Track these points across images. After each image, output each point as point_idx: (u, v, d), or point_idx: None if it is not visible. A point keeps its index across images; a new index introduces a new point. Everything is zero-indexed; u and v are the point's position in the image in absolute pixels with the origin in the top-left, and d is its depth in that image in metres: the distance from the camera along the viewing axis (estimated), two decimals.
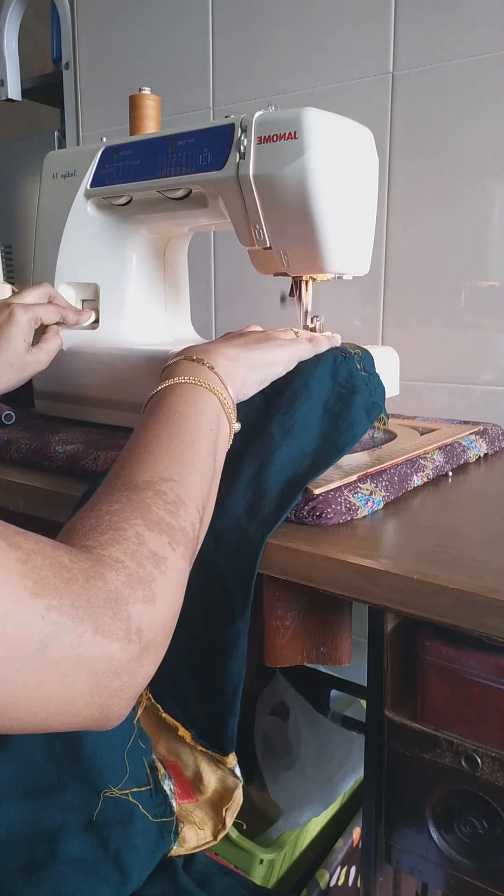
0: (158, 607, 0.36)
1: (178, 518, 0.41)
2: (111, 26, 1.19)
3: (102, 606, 0.33)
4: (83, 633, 0.32)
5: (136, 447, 0.46)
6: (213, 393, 0.52)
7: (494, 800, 0.46)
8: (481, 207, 0.88)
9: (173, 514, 0.41)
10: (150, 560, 0.37)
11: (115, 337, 0.83)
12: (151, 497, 0.41)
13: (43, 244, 0.85)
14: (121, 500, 0.40)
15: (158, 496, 0.41)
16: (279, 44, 1.01)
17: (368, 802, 0.53)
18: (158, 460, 0.45)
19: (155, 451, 0.45)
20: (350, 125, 0.67)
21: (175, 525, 0.40)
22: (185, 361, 0.55)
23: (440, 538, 0.50)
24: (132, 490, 0.41)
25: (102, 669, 0.33)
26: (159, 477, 0.43)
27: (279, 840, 0.87)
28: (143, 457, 0.45)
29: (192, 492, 0.44)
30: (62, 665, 0.31)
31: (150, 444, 0.46)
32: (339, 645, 0.54)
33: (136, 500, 0.40)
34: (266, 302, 1.06)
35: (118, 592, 0.34)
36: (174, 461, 0.45)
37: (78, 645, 0.32)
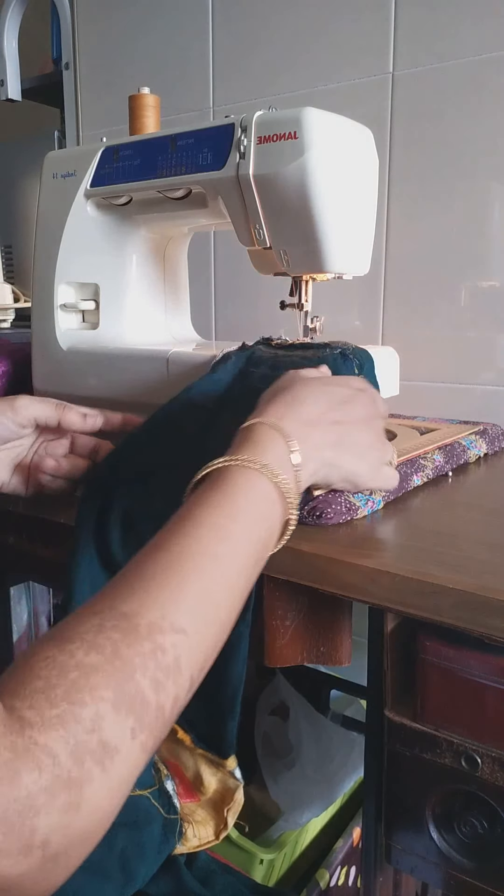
0: (81, 816, 0.29)
1: (161, 692, 0.33)
2: (111, 26, 1.19)
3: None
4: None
5: (171, 550, 0.37)
6: (280, 502, 0.42)
7: (494, 800, 0.46)
8: (481, 207, 0.88)
9: (159, 685, 0.33)
10: (93, 755, 0.30)
11: (115, 337, 0.83)
12: (146, 654, 0.33)
13: (43, 244, 0.85)
14: (105, 647, 0.32)
15: (154, 655, 0.33)
16: (279, 44, 1.01)
17: (368, 802, 0.53)
18: (185, 593, 0.35)
19: (189, 574, 0.36)
20: (350, 125, 0.67)
21: (153, 703, 0.32)
22: (270, 432, 0.44)
23: (440, 538, 0.50)
24: (129, 633, 0.33)
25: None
26: (170, 623, 0.34)
27: (279, 840, 0.87)
28: (171, 578, 0.35)
29: (199, 653, 0.35)
30: None
31: (190, 557, 0.37)
32: (339, 645, 0.54)
33: (124, 655, 0.32)
34: (266, 302, 1.06)
35: (29, 800, 0.27)
36: (203, 601, 0.36)
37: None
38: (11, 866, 0.27)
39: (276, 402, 0.47)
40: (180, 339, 0.90)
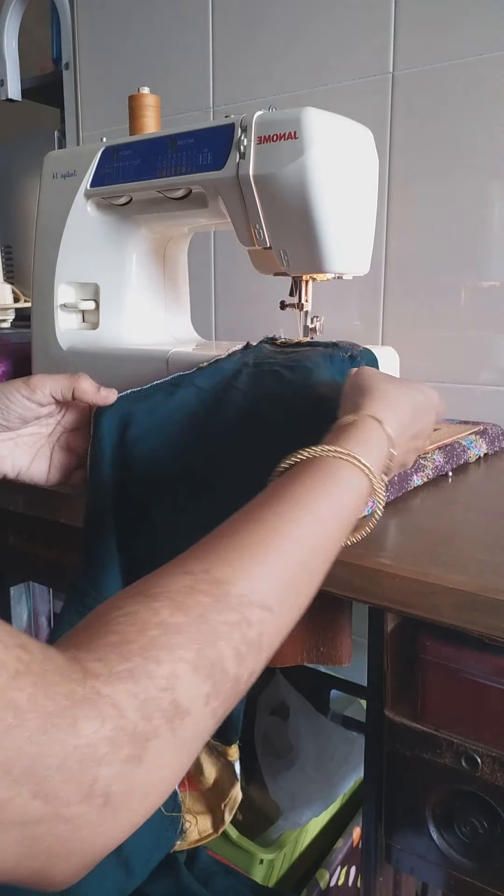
0: (144, 770, 0.28)
1: (240, 664, 0.32)
2: (111, 26, 1.19)
3: (56, 766, 0.26)
4: (13, 796, 0.25)
5: (267, 524, 0.37)
6: (368, 500, 0.44)
7: (494, 800, 0.46)
8: (481, 207, 0.88)
9: (240, 657, 0.32)
10: (164, 713, 0.29)
11: (115, 337, 0.83)
12: (233, 624, 0.32)
13: (43, 244, 0.85)
14: (193, 609, 0.32)
15: (241, 627, 0.32)
16: (279, 44, 1.01)
17: (368, 802, 0.53)
18: (278, 571, 0.35)
19: (283, 554, 0.36)
20: (350, 125, 0.67)
21: (231, 673, 0.32)
22: (380, 433, 0.45)
23: (440, 538, 0.50)
24: (219, 600, 0.32)
25: (41, 833, 0.26)
26: (260, 600, 0.34)
27: (279, 840, 0.87)
28: (267, 555, 0.35)
29: (278, 634, 0.35)
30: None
31: (287, 538, 0.36)
32: (339, 645, 0.54)
33: (212, 620, 0.32)
34: (266, 302, 1.06)
35: (89, 749, 0.26)
36: (291, 584, 0.36)
37: (3, 809, 0.25)
38: (73, 816, 0.26)
39: (382, 397, 0.48)
40: (180, 339, 0.90)
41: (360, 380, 0.51)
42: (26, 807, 0.25)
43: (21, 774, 0.25)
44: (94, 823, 0.27)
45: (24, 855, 0.26)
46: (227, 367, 0.64)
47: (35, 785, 0.25)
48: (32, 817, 0.25)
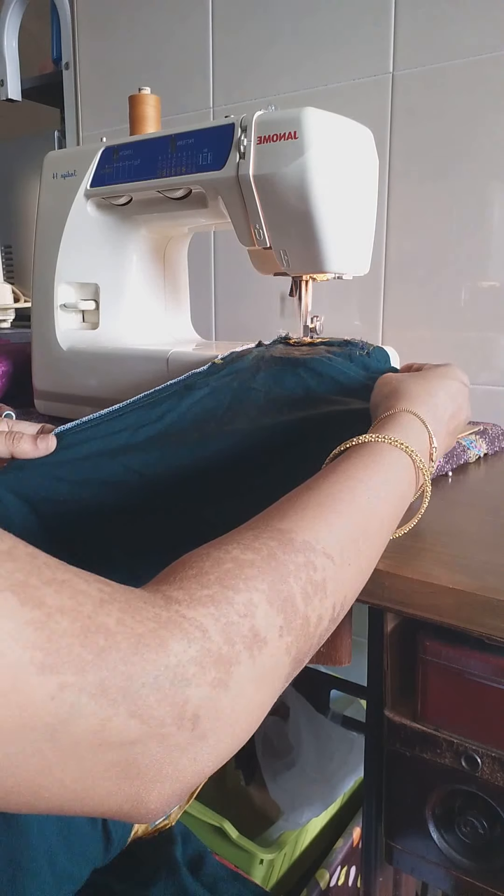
0: (230, 696, 0.29)
1: (310, 604, 0.33)
2: (111, 26, 1.19)
3: (150, 685, 0.26)
4: (112, 716, 0.25)
5: (323, 490, 0.39)
6: (424, 488, 0.46)
7: (494, 800, 0.46)
8: (481, 207, 0.88)
9: (308, 597, 0.33)
10: (244, 639, 0.29)
11: (115, 337, 0.83)
12: (300, 565, 0.34)
13: (43, 244, 0.85)
14: (262, 549, 0.33)
15: (307, 568, 0.34)
16: (279, 44, 1.01)
17: (368, 802, 0.53)
18: (335, 526, 0.37)
19: (339, 513, 0.37)
20: (350, 125, 0.67)
21: (301, 610, 0.33)
22: (417, 422, 0.47)
23: (440, 538, 0.50)
24: (285, 544, 0.34)
25: (137, 755, 0.26)
26: (322, 548, 0.35)
27: (279, 840, 0.87)
28: (323, 511, 0.37)
29: (342, 585, 0.36)
30: (78, 749, 0.25)
31: (341, 500, 0.38)
32: (339, 645, 0.54)
33: (280, 558, 0.33)
34: (266, 302, 1.06)
35: (179, 669, 0.27)
36: (349, 540, 0.37)
37: (102, 729, 0.25)
38: (166, 737, 0.27)
39: (412, 394, 0.50)
40: (180, 339, 0.90)
41: (385, 387, 0.53)
42: (124, 726, 0.25)
43: (118, 694, 0.25)
44: (185, 746, 0.27)
45: (122, 777, 0.26)
46: (243, 366, 0.64)
47: (131, 704, 0.26)
48: (130, 738, 0.26)
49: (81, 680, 0.25)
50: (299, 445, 0.55)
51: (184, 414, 0.59)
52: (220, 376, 0.63)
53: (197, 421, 0.59)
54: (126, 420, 0.58)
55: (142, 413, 0.59)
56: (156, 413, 0.59)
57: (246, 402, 0.60)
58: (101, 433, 0.57)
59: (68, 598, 0.26)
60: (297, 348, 0.68)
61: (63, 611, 0.25)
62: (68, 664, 0.24)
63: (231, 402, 0.60)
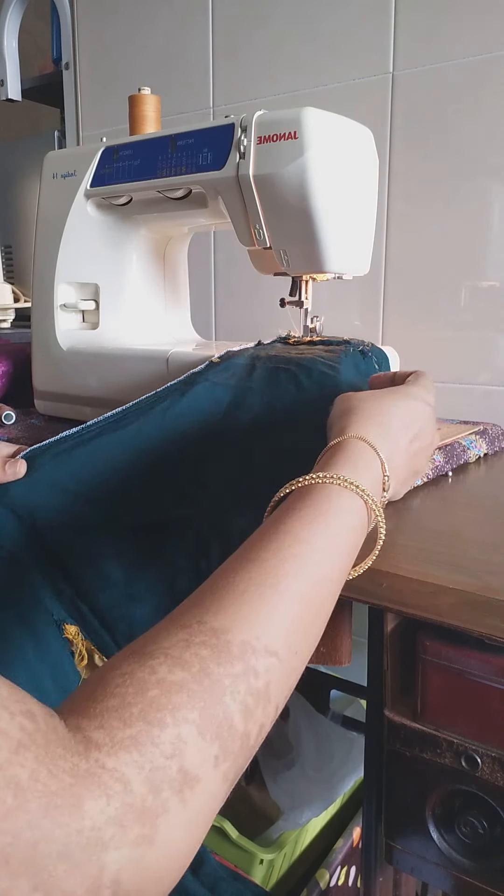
0: (156, 852, 0.25)
1: (249, 719, 0.30)
2: (111, 26, 1.19)
3: (58, 853, 0.23)
4: (10, 888, 0.22)
5: (265, 565, 0.35)
6: (368, 527, 0.42)
7: (494, 800, 0.46)
8: (481, 207, 0.88)
9: (248, 711, 0.30)
10: (172, 783, 0.26)
11: (115, 337, 0.83)
12: (237, 676, 0.30)
13: (43, 244, 0.85)
14: (192, 663, 0.29)
15: (246, 677, 0.30)
16: (279, 44, 1.01)
17: (368, 802, 0.53)
18: (280, 613, 0.33)
19: (283, 595, 0.33)
20: (350, 125, 0.67)
21: (240, 730, 0.29)
22: (368, 450, 0.43)
23: (440, 538, 0.50)
24: (220, 651, 0.30)
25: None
26: (265, 645, 0.31)
27: (279, 840, 0.87)
28: (265, 596, 0.33)
29: (287, 681, 0.33)
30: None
31: (285, 575, 0.34)
32: (339, 645, 0.54)
33: (214, 673, 0.29)
34: (266, 302, 1.06)
35: (95, 833, 0.24)
36: (296, 625, 0.33)
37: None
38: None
39: (363, 416, 0.47)
40: (180, 339, 0.90)
41: (341, 404, 0.50)
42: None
43: (19, 864, 0.22)
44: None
45: None
46: (240, 362, 0.65)
47: (34, 876, 0.22)
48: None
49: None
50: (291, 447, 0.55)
51: (184, 411, 0.59)
52: (216, 371, 0.63)
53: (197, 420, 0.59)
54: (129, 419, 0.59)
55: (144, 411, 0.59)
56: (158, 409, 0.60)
57: (242, 402, 0.60)
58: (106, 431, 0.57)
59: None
60: (294, 348, 0.68)
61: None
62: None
63: (230, 401, 0.60)
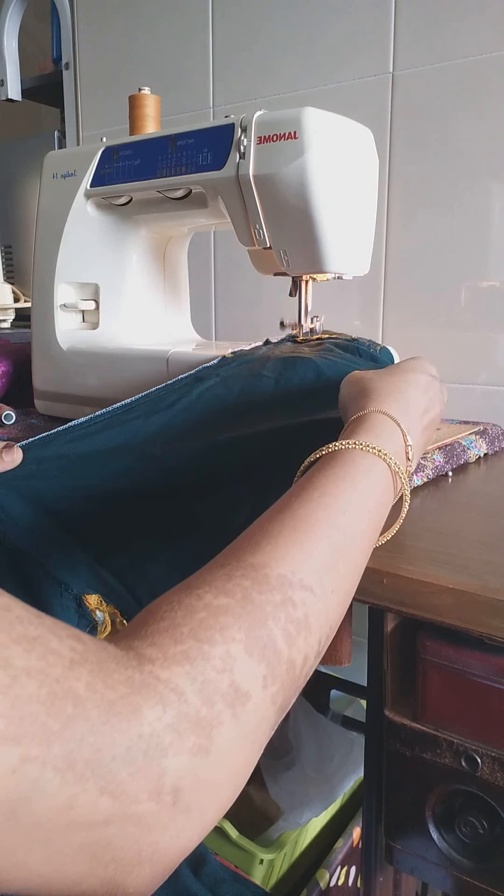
0: (212, 762, 0.26)
1: (293, 645, 0.31)
2: (111, 26, 1.19)
3: (121, 757, 0.24)
4: (79, 793, 0.23)
5: (297, 513, 0.36)
6: (394, 491, 0.43)
7: (494, 800, 0.46)
8: (481, 207, 0.88)
9: (291, 638, 0.31)
10: (224, 696, 0.27)
11: (115, 337, 0.83)
12: (277, 604, 0.31)
13: (43, 244, 0.85)
14: (236, 591, 0.31)
15: (285, 606, 0.32)
16: (279, 44, 1.01)
17: (368, 802, 0.53)
18: (312, 553, 0.35)
19: (315, 537, 0.35)
20: (350, 125, 0.67)
21: (284, 655, 0.30)
22: (389, 422, 0.45)
23: (440, 538, 0.50)
24: (259, 582, 0.32)
25: (110, 836, 0.24)
26: (300, 580, 0.33)
27: (279, 840, 0.87)
28: (298, 537, 0.35)
29: (325, 616, 0.34)
30: (42, 830, 0.23)
31: (316, 521, 0.36)
32: (339, 645, 0.54)
33: (256, 600, 0.31)
34: (266, 302, 1.06)
35: (154, 738, 0.25)
36: (328, 566, 0.35)
37: (69, 808, 0.23)
38: (142, 815, 0.24)
39: (381, 392, 0.48)
40: (180, 339, 0.90)
41: (354, 385, 0.52)
42: (94, 804, 0.23)
43: (85, 768, 0.23)
44: (165, 824, 0.25)
45: (94, 861, 0.24)
46: (253, 358, 0.66)
47: (101, 780, 0.23)
48: (100, 817, 0.24)
49: (46, 752, 0.22)
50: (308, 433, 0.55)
51: (195, 401, 0.60)
52: (230, 367, 0.64)
53: (208, 408, 0.60)
54: (138, 410, 0.59)
55: (153, 403, 0.60)
56: (167, 402, 0.60)
57: (256, 388, 0.61)
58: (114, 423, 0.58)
59: (37, 658, 0.24)
60: (305, 345, 0.69)
61: (30, 673, 0.23)
62: (32, 735, 0.22)
63: (241, 388, 0.61)
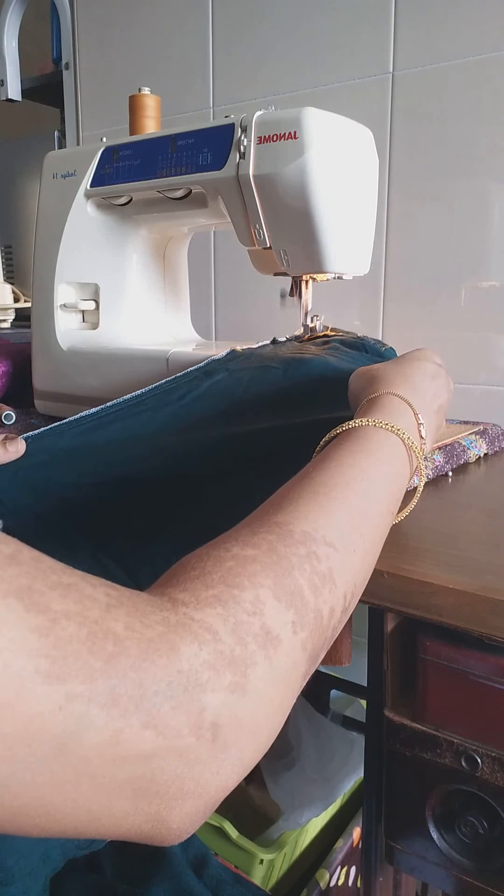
0: (249, 701, 0.27)
1: (319, 596, 0.32)
2: (111, 26, 1.19)
3: (163, 692, 0.25)
4: (124, 727, 0.24)
5: (316, 480, 0.38)
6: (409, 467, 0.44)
7: (494, 800, 0.46)
8: (481, 207, 0.88)
9: (316, 589, 0.32)
10: (256, 638, 0.28)
11: (115, 337, 0.83)
12: (302, 556, 0.32)
13: (43, 244, 0.85)
14: (261, 544, 0.32)
15: (310, 559, 0.33)
16: (279, 44, 1.01)
17: (368, 802, 0.53)
18: (333, 513, 0.36)
19: (335, 500, 0.37)
20: (350, 125, 0.67)
21: (311, 604, 0.31)
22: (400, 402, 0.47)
23: (440, 538, 0.50)
24: (284, 537, 0.33)
25: (154, 770, 0.25)
26: (322, 536, 0.34)
27: (279, 840, 0.87)
28: (319, 499, 0.36)
29: (350, 573, 0.35)
30: (90, 765, 0.23)
31: (335, 486, 0.37)
32: (339, 645, 0.54)
33: (281, 552, 0.32)
34: (266, 302, 1.06)
35: (193, 674, 0.25)
36: (349, 526, 0.36)
37: (115, 742, 0.23)
38: (185, 749, 0.25)
39: (390, 377, 0.50)
40: (180, 339, 0.90)
41: (364, 376, 0.53)
42: (138, 738, 0.24)
43: (129, 703, 0.24)
44: (206, 760, 0.26)
45: (139, 795, 0.25)
46: (261, 352, 0.66)
47: (145, 714, 0.24)
48: (145, 750, 0.24)
49: (90, 689, 0.23)
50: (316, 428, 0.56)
51: (204, 394, 0.61)
52: (238, 361, 0.64)
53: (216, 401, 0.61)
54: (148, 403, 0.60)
55: (163, 396, 0.61)
56: (177, 394, 0.61)
57: (265, 382, 0.61)
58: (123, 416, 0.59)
59: (74, 602, 0.24)
60: (312, 343, 0.69)
61: (69, 616, 0.24)
62: (76, 672, 0.23)
63: (250, 382, 0.62)
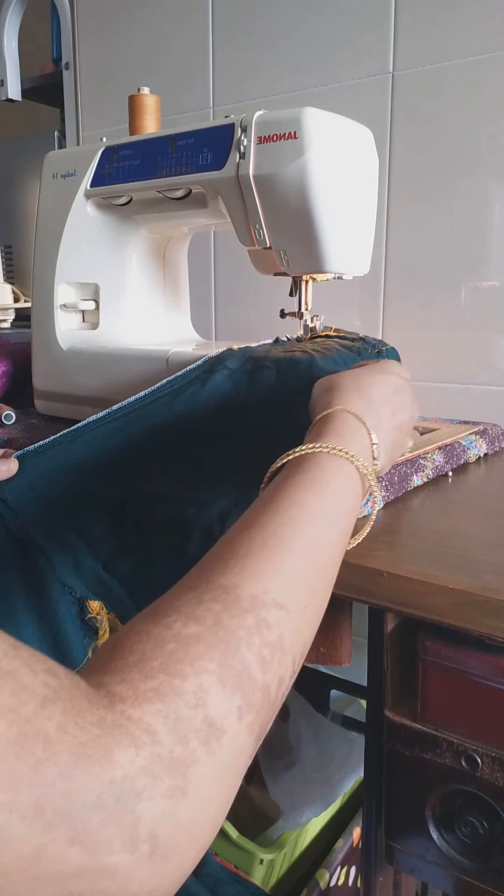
0: (190, 804, 0.25)
1: (267, 670, 0.30)
2: (111, 26, 1.19)
3: (93, 804, 0.22)
4: (48, 842, 0.22)
5: (266, 528, 0.35)
6: (362, 492, 0.43)
7: (494, 800, 0.46)
8: (481, 207, 0.88)
9: (265, 663, 0.30)
10: (198, 733, 0.26)
11: (115, 337, 0.83)
12: (250, 628, 0.30)
13: (43, 244, 0.85)
14: (206, 618, 0.30)
15: (259, 629, 0.30)
16: (279, 44, 1.01)
17: (368, 802, 0.53)
18: (283, 569, 0.33)
19: (286, 550, 0.34)
20: (350, 125, 0.67)
21: (259, 681, 0.29)
22: (353, 420, 0.45)
23: (440, 538, 0.50)
24: (230, 605, 0.31)
25: (82, 891, 0.23)
26: (273, 599, 0.32)
27: (279, 840, 0.87)
28: (267, 553, 0.34)
29: (300, 634, 0.33)
30: (9, 882, 0.22)
31: (285, 535, 0.35)
32: (339, 645, 0.54)
33: (228, 626, 0.30)
34: (266, 302, 1.06)
35: (128, 783, 0.23)
36: (301, 580, 0.34)
37: (37, 858, 0.21)
38: (117, 867, 0.23)
39: (346, 390, 0.48)
40: (180, 339, 0.90)
41: (322, 384, 0.51)
42: (63, 855, 0.22)
43: (55, 816, 0.22)
44: (143, 876, 0.24)
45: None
46: (258, 350, 0.67)
47: (71, 828, 0.22)
48: (71, 869, 0.22)
49: (13, 798, 0.21)
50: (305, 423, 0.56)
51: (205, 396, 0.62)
52: (234, 360, 0.64)
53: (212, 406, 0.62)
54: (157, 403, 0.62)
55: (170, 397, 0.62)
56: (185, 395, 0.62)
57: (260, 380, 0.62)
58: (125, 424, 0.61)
59: (10, 695, 0.23)
60: (312, 342, 0.70)
61: (1, 711, 0.22)
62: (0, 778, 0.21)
63: (249, 384, 0.62)
